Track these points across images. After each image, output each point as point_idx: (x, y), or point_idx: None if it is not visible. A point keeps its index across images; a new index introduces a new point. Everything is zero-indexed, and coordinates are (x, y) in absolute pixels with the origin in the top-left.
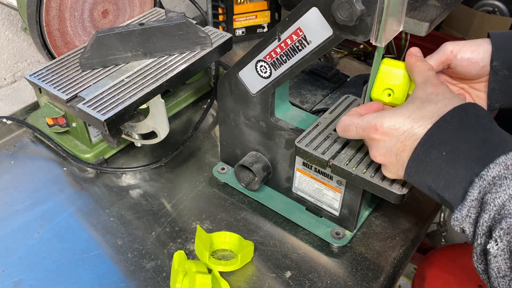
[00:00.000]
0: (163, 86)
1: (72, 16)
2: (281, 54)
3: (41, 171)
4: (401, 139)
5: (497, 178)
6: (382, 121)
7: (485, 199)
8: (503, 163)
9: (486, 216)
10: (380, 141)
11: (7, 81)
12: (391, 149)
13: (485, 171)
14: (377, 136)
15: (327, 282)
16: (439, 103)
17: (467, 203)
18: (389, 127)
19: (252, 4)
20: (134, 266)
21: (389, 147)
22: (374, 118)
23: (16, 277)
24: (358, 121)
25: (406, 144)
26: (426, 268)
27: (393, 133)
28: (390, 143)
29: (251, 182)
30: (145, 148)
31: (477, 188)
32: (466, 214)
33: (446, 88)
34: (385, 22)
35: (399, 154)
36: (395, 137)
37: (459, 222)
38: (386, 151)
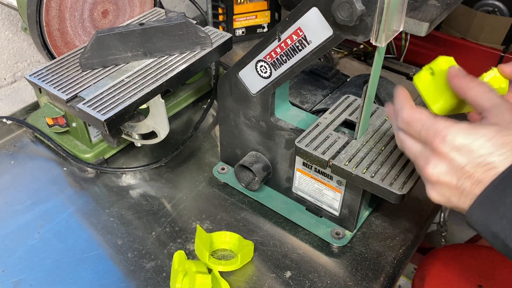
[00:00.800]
0: (163, 86)
1: (72, 16)
2: (281, 54)
3: (41, 171)
4: (474, 163)
5: None
6: (456, 134)
7: None
8: None
9: None
10: (446, 156)
11: (7, 81)
12: (456, 171)
13: None
14: (444, 148)
15: (327, 282)
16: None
17: None
18: (464, 144)
19: (252, 4)
20: (134, 266)
21: (454, 167)
22: (446, 126)
23: (16, 277)
24: (428, 120)
25: (477, 171)
26: (426, 268)
27: (466, 153)
28: (460, 163)
29: (251, 182)
30: (145, 148)
31: None
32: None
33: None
34: (385, 22)
35: (463, 179)
36: (467, 157)
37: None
38: (450, 170)
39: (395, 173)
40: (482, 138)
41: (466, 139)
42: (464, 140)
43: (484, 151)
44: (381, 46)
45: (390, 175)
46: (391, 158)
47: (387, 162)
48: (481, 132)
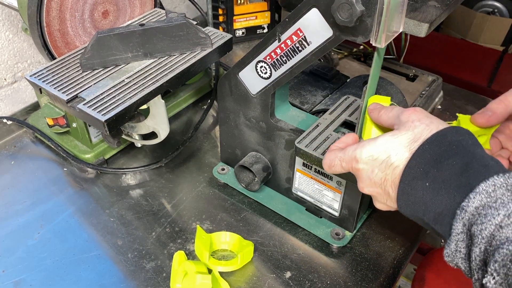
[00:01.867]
0: (163, 87)
1: (72, 16)
2: (281, 55)
3: (41, 171)
4: (381, 169)
5: (481, 207)
6: (361, 151)
7: (472, 231)
8: (484, 191)
9: (477, 249)
10: (362, 171)
11: (8, 82)
12: (374, 179)
13: (465, 201)
14: (359, 166)
15: (327, 283)
16: (415, 130)
17: (453, 237)
18: (368, 157)
19: (252, 5)
20: (134, 266)
21: (371, 177)
22: (354, 149)
23: (16, 277)
24: (341, 154)
25: (387, 173)
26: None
27: (372, 163)
28: (372, 173)
29: (251, 183)
30: (145, 149)
31: (460, 221)
32: (455, 248)
33: (421, 114)
34: (385, 23)
35: (382, 184)
36: (375, 166)
37: (451, 258)
38: (370, 181)
39: None
40: (380, 146)
41: (369, 151)
42: (368, 153)
43: (384, 155)
44: (380, 47)
45: None
46: None
47: None
48: (378, 142)
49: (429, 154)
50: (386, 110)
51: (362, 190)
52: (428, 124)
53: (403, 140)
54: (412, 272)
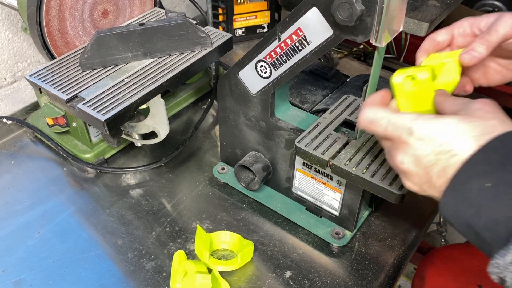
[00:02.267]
0: (163, 86)
1: (72, 16)
2: (281, 54)
3: (41, 171)
4: (436, 151)
5: None
6: (421, 126)
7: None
8: None
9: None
10: (412, 146)
11: (7, 81)
12: (422, 159)
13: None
14: (410, 140)
15: (327, 282)
16: (489, 122)
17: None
18: (427, 134)
19: (252, 4)
20: (134, 266)
21: (420, 155)
22: (412, 119)
23: (16, 277)
24: (393, 117)
25: (440, 159)
26: (426, 268)
27: (429, 141)
28: (423, 152)
29: (251, 182)
30: (145, 148)
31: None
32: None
33: (496, 106)
34: (385, 22)
35: (429, 167)
36: (430, 147)
37: (499, 270)
38: (416, 159)
39: (395, 173)
40: (444, 126)
41: (429, 129)
42: (427, 130)
43: (445, 138)
44: (381, 46)
45: (390, 175)
46: None
47: (387, 162)
48: (443, 121)
49: (499, 153)
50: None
51: (401, 164)
52: (502, 120)
53: (473, 128)
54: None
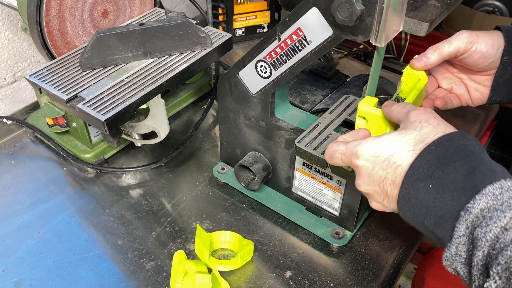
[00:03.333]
0: (163, 86)
1: (72, 16)
2: (281, 54)
3: (41, 171)
4: (382, 167)
5: (486, 210)
6: (363, 148)
7: (475, 234)
8: (491, 193)
9: (480, 253)
10: (362, 168)
11: (7, 81)
12: (373, 177)
13: (471, 203)
14: (359, 162)
15: (327, 282)
16: (422, 130)
17: (454, 240)
18: (370, 154)
19: (252, 4)
20: (134, 266)
21: (371, 174)
22: (356, 144)
23: (17, 277)
24: (342, 147)
25: (387, 172)
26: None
27: (374, 160)
28: (372, 171)
29: (251, 182)
30: (145, 148)
31: (463, 223)
32: (455, 252)
33: (430, 115)
34: (385, 22)
35: (381, 183)
36: (377, 164)
37: (450, 262)
38: (369, 179)
39: None
40: (384, 144)
41: (372, 149)
42: (370, 150)
43: (387, 154)
44: (380, 46)
45: None
46: None
47: None
48: (383, 140)
49: (435, 156)
50: (399, 105)
51: (359, 187)
52: (435, 125)
53: (409, 140)
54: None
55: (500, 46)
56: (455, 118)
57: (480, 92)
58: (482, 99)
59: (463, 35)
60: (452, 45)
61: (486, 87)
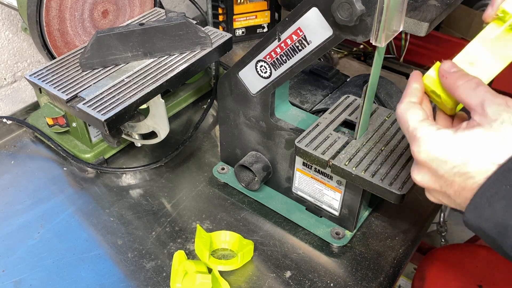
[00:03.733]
0: (163, 86)
1: (72, 16)
2: (281, 54)
3: (41, 171)
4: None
5: None
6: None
7: None
8: None
9: None
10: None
11: (7, 81)
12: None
13: None
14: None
15: (327, 282)
16: (507, 137)
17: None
18: (438, 155)
19: (252, 4)
20: (134, 266)
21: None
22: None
23: (17, 277)
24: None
25: (455, 181)
26: (426, 268)
27: (439, 163)
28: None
29: (251, 182)
30: (145, 148)
31: None
32: None
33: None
34: (385, 22)
35: (445, 186)
36: (442, 168)
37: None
38: (431, 177)
39: (395, 173)
40: (457, 147)
41: (440, 151)
42: (437, 152)
43: (458, 161)
44: (381, 46)
45: (390, 175)
46: (390, 158)
47: (387, 162)
48: (457, 141)
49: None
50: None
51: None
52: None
53: (489, 146)
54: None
55: None
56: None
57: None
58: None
59: None
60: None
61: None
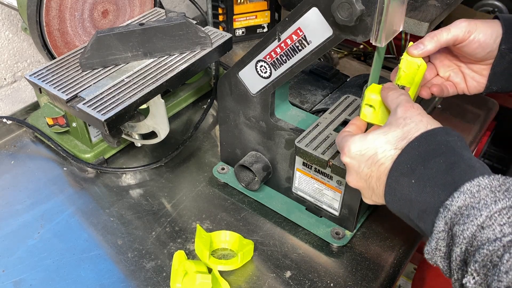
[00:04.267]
0: (163, 86)
1: (72, 16)
2: (281, 54)
3: (41, 171)
4: (367, 165)
5: (464, 207)
6: (350, 145)
7: (454, 231)
8: (469, 191)
9: (458, 249)
10: (349, 165)
11: (7, 81)
12: (360, 174)
13: (449, 200)
14: (346, 159)
15: (327, 282)
16: (405, 128)
17: (434, 235)
18: (356, 152)
19: (252, 4)
20: (134, 266)
21: (358, 171)
22: (345, 141)
23: (17, 277)
24: (337, 140)
25: (372, 170)
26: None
27: (359, 158)
28: (358, 168)
29: (251, 182)
30: (145, 148)
31: (442, 219)
32: (435, 247)
33: (415, 111)
34: (385, 22)
35: (367, 179)
36: (362, 162)
37: (430, 256)
38: (356, 176)
39: None
40: (369, 142)
41: (357, 147)
42: (356, 148)
43: (371, 152)
44: (381, 46)
45: None
46: None
47: None
48: (368, 138)
49: (417, 152)
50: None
51: (349, 183)
52: (417, 122)
53: (391, 137)
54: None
55: (498, 36)
56: (455, 118)
57: (477, 81)
58: (478, 88)
59: (462, 23)
60: (450, 33)
61: (483, 76)
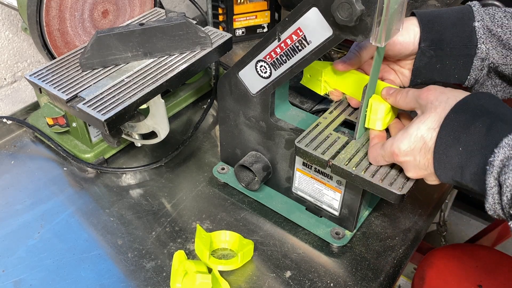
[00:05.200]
0: (163, 86)
1: (72, 16)
2: (281, 54)
3: (41, 171)
4: (422, 155)
5: (505, 159)
6: (399, 146)
7: (500, 181)
8: (507, 144)
9: (505, 197)
10: (407, 163)
11: (7, 81)
12: (418, 166)
13: (492, 157)
14: (402, 159)
15: (327, 282)
16: (438, 109)
17: (488, 192)
18: (406, 149)
19: (252, 4)
20: (134, 266)
21: (415, 165)
22: (391, 145)
23: (16, 277)
24: (381, 151)
25: (428, 158)
26: (426, 268)
27: (412, 152)
28: (415, 162)
29: (251, 182)
30: (145, 148)
31: (490, 175)
32: (492, 201)
33: (436, 92)
34: (385, 22)
35: (428, 168)
36: (416, 155)
37: (492, 211)
38: (415, 168)
39: (395, 173)
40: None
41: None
42: (405, 146)
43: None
44: (381, 46)
45: (390, 175)
46: None
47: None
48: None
49: (457, 122)
50: (402, 94)
51: (412, 177)
52: (445, 100)
53: (430, 122)
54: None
55: (416, 34)
56: None
57: (406, 76)
58: (406, 81)
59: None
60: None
61: (409, 70)
